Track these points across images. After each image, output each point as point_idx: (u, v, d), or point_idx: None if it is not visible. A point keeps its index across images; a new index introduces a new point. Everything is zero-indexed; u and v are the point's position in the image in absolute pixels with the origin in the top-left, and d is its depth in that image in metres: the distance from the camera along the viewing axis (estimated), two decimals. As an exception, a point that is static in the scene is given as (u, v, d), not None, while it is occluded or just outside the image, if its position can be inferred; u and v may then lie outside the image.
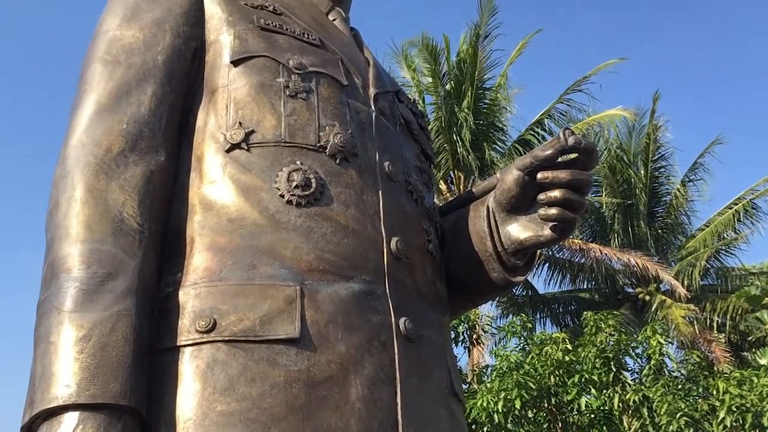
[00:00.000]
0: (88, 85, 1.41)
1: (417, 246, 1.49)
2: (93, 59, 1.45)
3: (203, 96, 1.47)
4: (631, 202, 20.21)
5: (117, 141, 1.34)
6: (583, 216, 1.55)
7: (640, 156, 20.62)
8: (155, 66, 1.43)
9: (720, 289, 20.28)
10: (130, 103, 1.38)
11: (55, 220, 1.28)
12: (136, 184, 1.32)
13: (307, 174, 1.37)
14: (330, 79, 1.51)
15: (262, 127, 1.40)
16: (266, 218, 1.33)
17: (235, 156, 1.38)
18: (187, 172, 1.41)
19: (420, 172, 1.63)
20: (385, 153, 1.52)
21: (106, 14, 1.51)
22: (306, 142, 1.41)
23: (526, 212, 1.54)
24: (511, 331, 11.76)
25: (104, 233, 1.25)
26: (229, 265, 1.29)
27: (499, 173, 1.58)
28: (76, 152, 1.33)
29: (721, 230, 20.19)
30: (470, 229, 1.61)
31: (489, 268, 1.58)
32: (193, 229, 1.34)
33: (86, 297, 1.19)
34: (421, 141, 1.73)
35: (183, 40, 1.48)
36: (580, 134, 1.51)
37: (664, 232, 21.16)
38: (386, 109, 1.62)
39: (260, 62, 1.47)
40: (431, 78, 18.90)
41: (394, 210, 1.47)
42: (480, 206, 1.61)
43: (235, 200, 1.35)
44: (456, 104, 18.44)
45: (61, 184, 1.31)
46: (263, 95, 1.43)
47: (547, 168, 1.48)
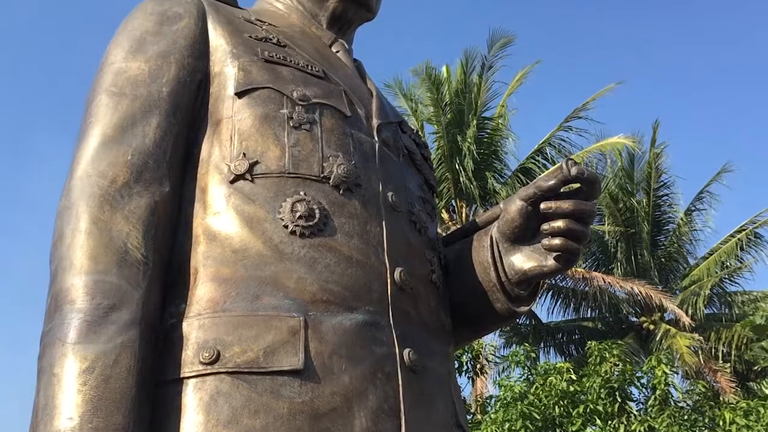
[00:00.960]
0: (94, 117, 1.42)
1: (421, 276, 1.49)
2: (99, 91, 1.46)
3: (208, 127, 1.47)
4: (634, 231, 20.18)
5: (122, 172, 1.34)
6: (586, 246, 1.55)
7: (642, 184, 20.64)
8: (160, 98, 1.44)
9: (725, 318, 20.17)
10: (135, 134, 1.39)
11: (60, 251, 1.28)
12: (141, 215, 1.32)
13: (311, 204, 1.38)
14: (333, 111, 1.52)
15: (266, 158, 1.41)
16: (270, 249, 1.33)
17: (239, 187, 1.38)
18: (191, 202, 1.41)
19: (423, 203, 1.64)
20: (388, 183, 1.53)
21: (112, 46, 1.53)
22: (310, 173, 1.41)
23: (530, 242, 1.55)
24: (514, 360, 11.69)
25: (108, 264, 1.25)
26: (233, 296, 1.29)
27: (503, 203, 1.59)
28: (81, 183, 1.33)
29: (725, 259, 20.13)
30: (474, 260, 1.61)
31: (493, 299, 1.58)
32: (197, 260, 1.34)
33: (90, 329, 1.19)
34: (424, 171, 1.74)
35: (188, 72, 1.49)
36: (582, 163, 1.51)
37: (668, 260, 21.10)
38: (389, 139, 1.62)
39: (264, 94, 1.48)
40: (433, 107, 19.00)
41: (398, 240, 1.47)
42: (483, 236, 1.61)
43: (239, 231, 1.35)
44: (458, 133, 18.52)
45: (66, 215, 1.31)
46: (267, 126, 1.44)
47: (550, 198, 1.49)
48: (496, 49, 18.72)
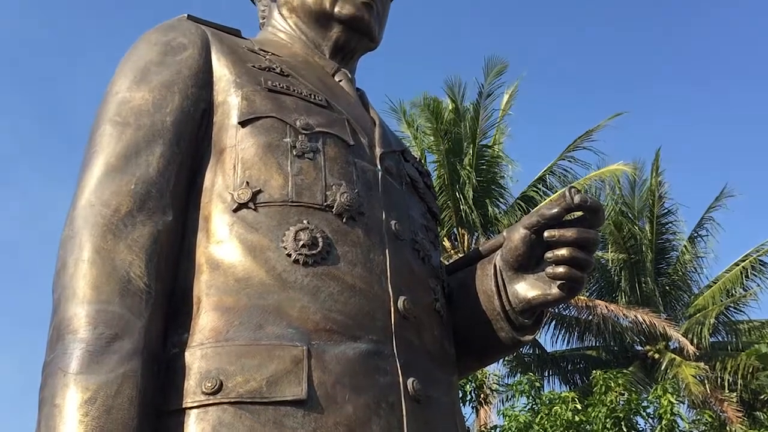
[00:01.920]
0: (98, 146, 1.42)
1: (424, 305, 1.48)
2: (103, 120, 1.46)
3: (211, 156, 1.48)
4: (638, 259, 20.13)
5: (125, 201, 1.34)
6: (590, 274, 1.55)
7: (645, 212, 20.63)
8: (164, 127, 1.45)
9: (730, 346, 20.02)
10: (139, 163, 1.40)
11: (62, 281, 1.28)
12: (144, 244, 1.32)
13: (314, 233, 1.37)
14: (336, 139, 1.53)
15: (270, 186, 1.41)
16: (273, 278, 1.33)
17: (242, 215, 1.38)
18: (194, 231, 1.41)
19: (426, 231, 1.64)
20: (391, 212, 1.53)
21: (117, 77, 1.54)
22: (313, 202, 1.42)
23: (534, 271, 1.54)
24: (519, 390, 11.60)
25: (111, 293, 1.25)
26: (235, 325, 1.29)
27: (506, 231, 1.58)
28: (85, 213, 1.34)
29: (730, 287, 20.04)
30: (477, 288, 1.60)
31: (497, 327, 1.57)
32: (200, 288, 1.34)
33: (92, 358, 1.18)
34: (427, 200, 1.74)
35: (192, 101, 1.50)
36: (583, 190, 1.52)
37: (672, 288, 21.01)
38: (392, 168, 1.63)
39: (268, 123, 1.48)
40: (433, 136, 19.08)
41: (401, 269, 1.46)
42: (487, 265, 1.61)
43: (242, 260, 1.35)
44: (457, 162, 18.57)
45: (69, 245, 1.31)
46: (270, 155, 1.44)
47: (553, 226, 1.49)
48: (492, 77, 18.82)
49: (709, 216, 20.90)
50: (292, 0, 1.82)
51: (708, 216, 20.91)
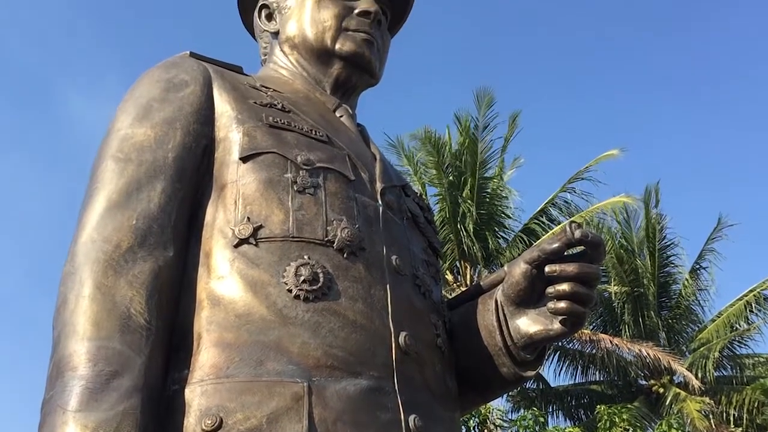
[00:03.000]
0: (100, 182, 1.43)
1: (426, 341, 1.48)
2: (105, 156, 1.47)
3: (212, 192, 1.48)
4: (640, 292, 20.04)
5: (126, 237, 1.35)
6: (592, 309, 1.54)
7: (646, 245, 20.58)
8: (166, 163, 1.46)
9: (735, 381, 19.84)
10: (140, 199, 1.40)
11: (63, 317, 1.28)
12: (144, 279, 1.32)
13: (315, 268, 1.37)
14: (337, 174, 1.53)
15: (270, 221, 1.42)
16: (274, 313, 1.32)
17: (243, 251, 1.38)
18: (195, 267, 1.41)
19: (427, 266, 1.63)
20: (392, 247, 1.53)
21: (119, 113, 1.55)
22: (314, 237, 1.42)
23: (535, 306, 1.53)
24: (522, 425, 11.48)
25: (111, 330, 1.25)
26: (236, 362, 1.28)
27: (507, 266, 1.58)
28: (86, 249, 1.34)
29: (734, 321, 19.91)
30: (479, 323, 1.59)
31: (499, 363, 1.56)
32: (201, 324, 1.34)
33: (91, 396, 1.18)
34: (428, 234, 1.74)
35: (193, 137, 1.51)
36: (584, 223, 1.52)
37: (675, 322, 20.88)
38: (393, 203, 1.63)
39: (269, 158, 1.49)
40: (435, 170, 19.13)
41: (402, 304, 1.46)
42: (488, 300, 1.60)
43: (242, 295, 1.34)
44: (459, 195, 18.60)
45: (70, 281, 1.31)
46: (271, 191, 1.45)
47: (554, 261, 1.48)
48: (484, 109, 18.88)
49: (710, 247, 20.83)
50: (294, 37, 1.84)
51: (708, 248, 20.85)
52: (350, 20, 1.81)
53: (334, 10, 1.80)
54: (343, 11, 1.81)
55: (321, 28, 1.79)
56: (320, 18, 1.80)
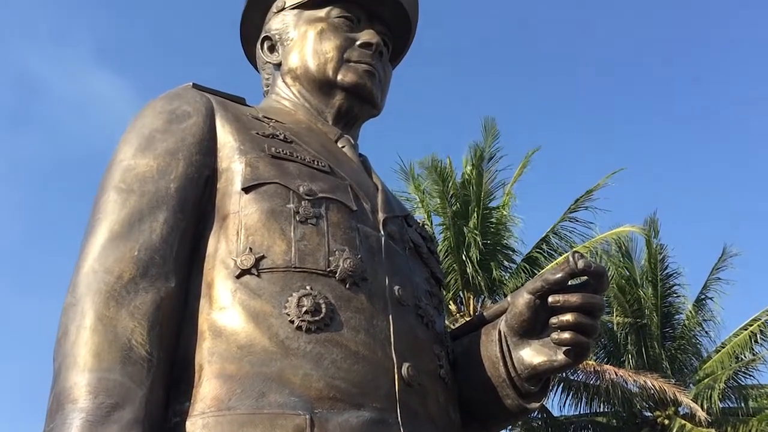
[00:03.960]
0: (102, 213, 1.43)
1: (429, 372, 1.46)
2: (107, 187, 1.48)
3: (214, 222, 1.48)
4: (644, 323, 19.92)
5: (128, 268, 1.34)
6: (597, 339, 1.53)
7: (649, 275, 20.51)
8: (168, 194, 1.46)
9: (741, 412, 19.64)
10: (143, 230, 1.40)
11: (64, 348, 1.27)
12: (146, 311, 1.31)
13: (317, 299, 1.37)
14: (339, 205, 1.53)
15: (273, 252, 1.41)
16: (276, 344, 1.32)
17: (245, 282, 1.38)
18: (197, 297, 1.41)
19: (430, 296, 1.63)
20: (394, 277, 1.52)
21: (122, 144, 1.56)
22: (316, 267, 1.41)
23: (539, 336, 1.52)
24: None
25: (112, 362, 1.24)
26: (237, 394, 1.27)
27: (510, 297, 1.57)
28: (88, 280, 1.33)
29: (738, 352, 19.77)
30: (482, 354, 1.58)
31: (503, 394, 1.55)
32: (202, 356, 1.33)
33: (92, 429, 1.17)
34: (430, 264, 1.73)
35: (196, 168, 1.51)
36: (587, 253, 1.51)
37: (679, 352, 20.72)
38: (395, 233, 1.63)
39: (271, 189, 1.49)
40: (439, 199, 19.15)
41: (405, 335, 1.45)
42: (492, 330, 1.59)
43: (244, 326, 1.33)
44: (464, 224, 18.59)
45: (71, 312, 1.31)
46: (274, 221, 1.45)
47: (558, 291, 1.48)
48: (490, 140, 18.98)
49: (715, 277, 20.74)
50: (296, 68, 1.85)
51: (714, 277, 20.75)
52: (352, 51, 1.82)
53: (335, 42, 1.81)
54: (345, 43, 1.82)
55: (323, 60, 1.80)
56: (322, 49, 1.81)
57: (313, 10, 1.88)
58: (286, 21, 1.91)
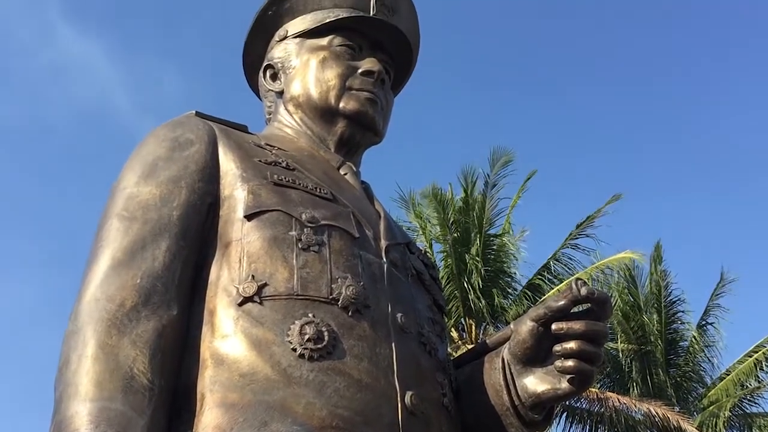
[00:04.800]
0: (104, 241, 1.43)
1: (432, 400, 1.45)
2: (110, 215, 1.48)
3: (217, 250, 1.48)
4: (648, 349, 19.81)
5: (130, 296, 1.34)
6: (600, 367, 1.52)
7: (652, 301, 20.43)
8: (170, 221, 1.46)
9: (746, 440, 19.45)
10: (145, 258, 1.40)
11: (65, 377, 1.26)
12: (148, 339, 1.31)
13: (320, 327, 1.36)
14: (342, 232, 1.53)
15: (275, 279, 1.41)
16: (278, 373, 1.31)
17: (247, 309, 1.38)
18: (199, 326, 1.40)
19: (433, 324, 1.62)
20: (397, 304, 1.52)
21: (125, 171, 1.56)
22: (318, 295, 1.41)
23: (543, 364, 1.51)
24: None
25: (114, 390, 1.23)
26: (239, 423, 1.26)
27: (513, 324, 1.57)
28: (89, 308, 1.33)
29: (743, 379, 19.62)
30: (486, 382, 1.57)
31: (507, 423, 1.53)
32: (204, 384, 1.32)
33: None
34: (433, 292, 1.73)
35: (198, 195, 1.52)
36: (588, 279, 1.51)
37: (684, 380, 20.57)
38: (398, 260, 1.63)
39: (273, 216, 1.49)
40: (440, 227, 19.15)
41: (408, 363, 1.44)
42: (495, 358, 1.58)
43: (246, 354, 1.33)
44: (465, 251, 18.57)
45: (73, 340, 1.30)
46: (276, 248, 1.45)
47: (561, 319, 1.47)
48: (498, 167, 19.04)
49: (715, 303, 20.65)
50: (298, 96, 1.86)
51: (714, 303, 20.67)
52: (354, 79, 1.83)
53: (337, 70, 1.83)
54: (347, 71, 1.83)
55: (325, 87, 1.82)
56: (324, 77, 1.82)
57: (316, 38, 1.89)
58: (288, 49, 1.92)
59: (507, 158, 19.05)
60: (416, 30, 2.03)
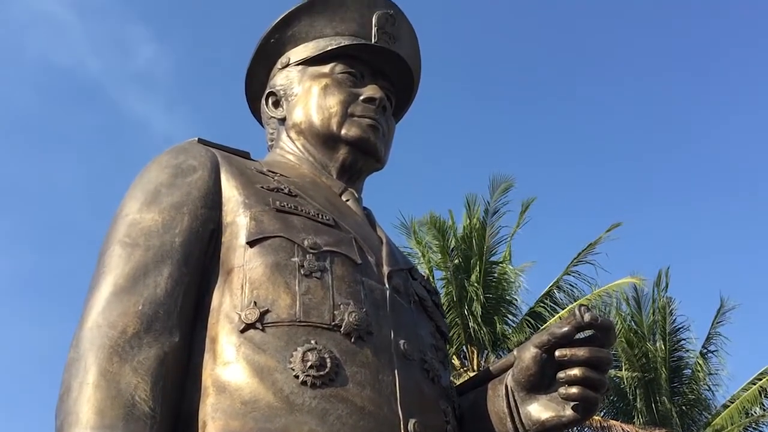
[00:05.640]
0: (107, 267, 1.43)
1: (435, 427, 1.44)
2: (112, 242, 1.48)
3: (219, 276, 1.48)
4: (652, 377, 19.67)
5: (132, 322, 1.34)
6: (604, 394, 1.51)
7: (657, 328, 20.32)
8: (173, 248, 1.46)
9: (752, 469, 19.24)
10: (147, 284, 1.40)
11: (66, 405, 1.25)
12: (150, 366, 1.30)
13: (322, 353, 1.35)
14: (344, 258, 1.53)
15: (277, 306, 1.40)
16: (280, 400, 1.30)
17: (249, 336, 1.37)
18: (201, 352, 1.39)
19: (436, 350, 1.61)
20: (400, 331, 1.51)
21: (128, 199, 1.56)
22: (321, 321, 1.40)
23: (546, 391, 1.50)
24: None
25: (115, 418, 1.22)
26: None
27: (516, 351, 1.56)
28: (91, 334, 1.33)
29: (748, 407, 19.46)
30: (489, 410, 1.56)
31: None
32: (206, 412, 1.31)
33: None
34: (435, 318, 1.72)
35: (200, 222, 1.52)
36: (591, 305, 1.50)
37: (688, 408, 20.40)
38: (400, 286, 1.62)
39: (276, 242, 1.49)
40: (440, 254, 19.12)
41: (411, 390, 1.43)
42: (498, 385, 1.57)
43: (248, 381, 1.32)
44: (465, 279, 18.52)
45: (74, 368, 1.30)
46: (278, 275, 1.44)
47: (564, 345, 1.46)
48: (498, 194, 19.05)
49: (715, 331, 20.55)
50: (300, 123, 1.87)
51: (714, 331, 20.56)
52: (356, 106, 1.84)
53: (339, 97, 1.84)
54: (349, 98, 1.84)
55: (327, 114, 1.82)
56: (326, 104, 1.83)
57: (318, 66, 1.91)
58: (290, 77, 1.94)
59: (507, 185, 19.07)
60: (417, 57, 2.05)
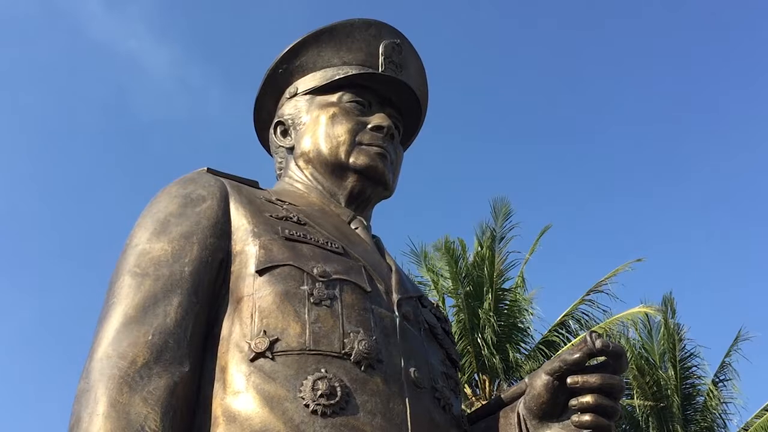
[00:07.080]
0: (116, 297, 1.43)
1: None
2: (122, 272, 1.48)
3: (228, 305, 1.48)
4: (664, 405, 19.44)
5: (142, 353, 1.33)
6: (617, 422, 1.49)
7: (668, 356, 20.12)
8: (182, 277, 1.46)
9: (769, 498, 18.90)
10: (157, 314, 1.40)
11: None
12: (160, 396, 1.29)
13: (332, 382, 1.35)
14: (353, 286, 1.53)
15: (287, 335, 1.40)
16: (291, 429, 1.29)
17: (259, 365, 1.36)
18: (210, 382, 1.39)
19: (446, 378, 1.60)
20: (410, 359, 1.50)
21: (137, 229, 1.57)
22: (330, 350, 1.40)
23: (559, 419, 1.49)
24: None
25: None
26: None
27: (528, 378, 1.55)
28: (101, 365, 1.32)
29: (762, 434, 19.18)
30: None
31: None
32: None
33: None
34: (446, 346, 1.71)
35: (210, 251, 1.52)
36: (604, 334, 1.49)
37: (703, 436, 20.13)
38: (410, 314, 1.61)
39: (285, 271, 1.49)
40: (452, 281, 19.05)
41: (422, 419, 1.42)
42: (510, 413, 1.56)
43: (258, 411, 1.31)
44: (477, 306, 18.42)
45: (84, 398, 1.29)
46: (288, 303, 1.44)
47: (576, 372, 1.45)
48: (502, 220, 19.00)
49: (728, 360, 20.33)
50: (309, 151, 1.87)
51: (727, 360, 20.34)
52: (364, 135, 1.85)
53: (347, 125, 1.85)
54: (357, 126, 1.85)
55: (335, 143, 1.83)
56: (334, 133, 1.84)
57: (325, 95, 1.92)
58: (298, 106, 1.95)
59: (506, 209, 19.00)
60: (425, 85, 2.06)
